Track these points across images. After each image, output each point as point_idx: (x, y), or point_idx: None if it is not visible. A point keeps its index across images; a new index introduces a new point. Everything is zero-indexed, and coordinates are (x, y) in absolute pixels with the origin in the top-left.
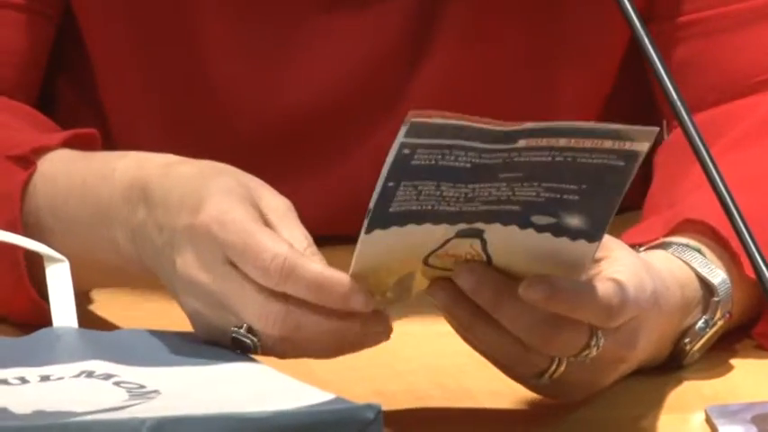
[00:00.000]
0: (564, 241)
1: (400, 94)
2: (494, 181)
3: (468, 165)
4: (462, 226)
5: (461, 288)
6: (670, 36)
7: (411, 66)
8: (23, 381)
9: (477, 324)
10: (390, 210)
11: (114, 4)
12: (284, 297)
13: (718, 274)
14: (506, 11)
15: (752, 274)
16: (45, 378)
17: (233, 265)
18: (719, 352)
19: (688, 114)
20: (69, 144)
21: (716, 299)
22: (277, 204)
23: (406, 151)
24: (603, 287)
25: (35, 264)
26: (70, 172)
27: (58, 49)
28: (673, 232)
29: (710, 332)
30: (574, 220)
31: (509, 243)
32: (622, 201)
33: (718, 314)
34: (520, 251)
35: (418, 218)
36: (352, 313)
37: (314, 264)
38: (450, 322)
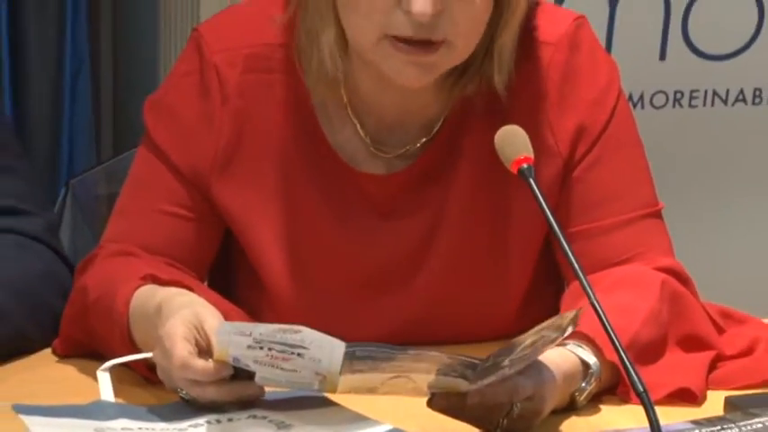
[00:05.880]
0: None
1: (422, 262)
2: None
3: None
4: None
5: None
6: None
7: (427, 246)
8: (218, 421)
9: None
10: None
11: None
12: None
13: (591, 358)
14: (477, 222)
15: (612, 358)
16: (230, 419)
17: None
18: (598, 403)
19: (583, 274)
20: (172, 282)
21: (591, 371)
22: (212, 323)
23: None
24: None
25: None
26: (156, 297)
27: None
28: (568, 338)
29: (589, 388)
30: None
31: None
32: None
33: (593, 379)
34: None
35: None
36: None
37: (199, 361)
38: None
